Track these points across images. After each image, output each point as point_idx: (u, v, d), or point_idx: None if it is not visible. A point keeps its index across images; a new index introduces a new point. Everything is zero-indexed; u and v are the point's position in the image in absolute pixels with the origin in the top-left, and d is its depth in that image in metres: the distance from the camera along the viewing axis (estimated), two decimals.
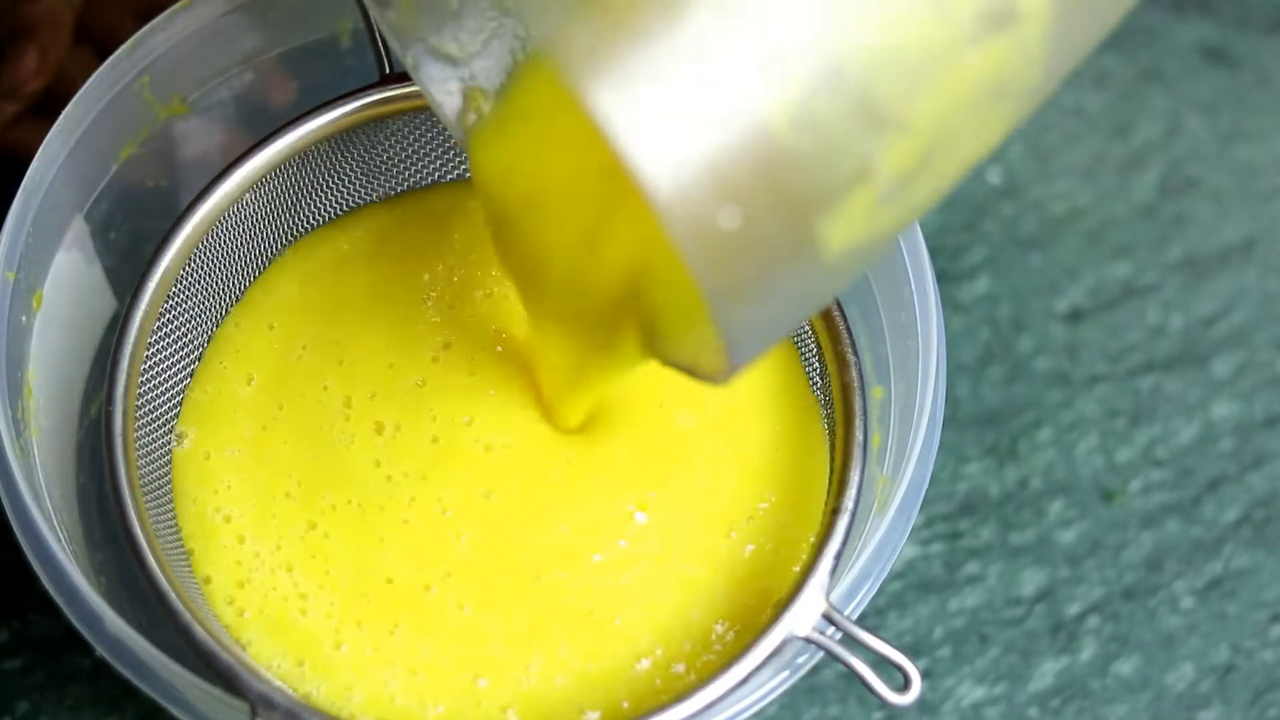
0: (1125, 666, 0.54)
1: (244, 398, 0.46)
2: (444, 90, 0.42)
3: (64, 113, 0.45)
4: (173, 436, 0.46)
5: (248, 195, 0.46)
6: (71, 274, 0.47)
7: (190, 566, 0.44)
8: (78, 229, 0.47)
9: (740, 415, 0.47)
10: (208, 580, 0.44)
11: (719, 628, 0.44)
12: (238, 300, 0.48)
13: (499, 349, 0.47)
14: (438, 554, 0.44)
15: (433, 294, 0.48)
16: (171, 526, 0.44)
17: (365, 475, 0.45)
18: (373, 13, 0.43)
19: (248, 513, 0.45)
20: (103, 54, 0.46)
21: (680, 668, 0.43)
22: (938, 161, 0.33)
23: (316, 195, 0.48)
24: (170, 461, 0.45)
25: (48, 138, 0.45)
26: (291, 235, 0.49)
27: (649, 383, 0.47)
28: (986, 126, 0.34)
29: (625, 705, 0.43)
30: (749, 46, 0.30)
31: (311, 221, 0.49)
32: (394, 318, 0.47)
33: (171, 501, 0.45)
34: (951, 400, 0.58)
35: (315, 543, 0.44)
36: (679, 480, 0.46)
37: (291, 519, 0.45)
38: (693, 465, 0.46)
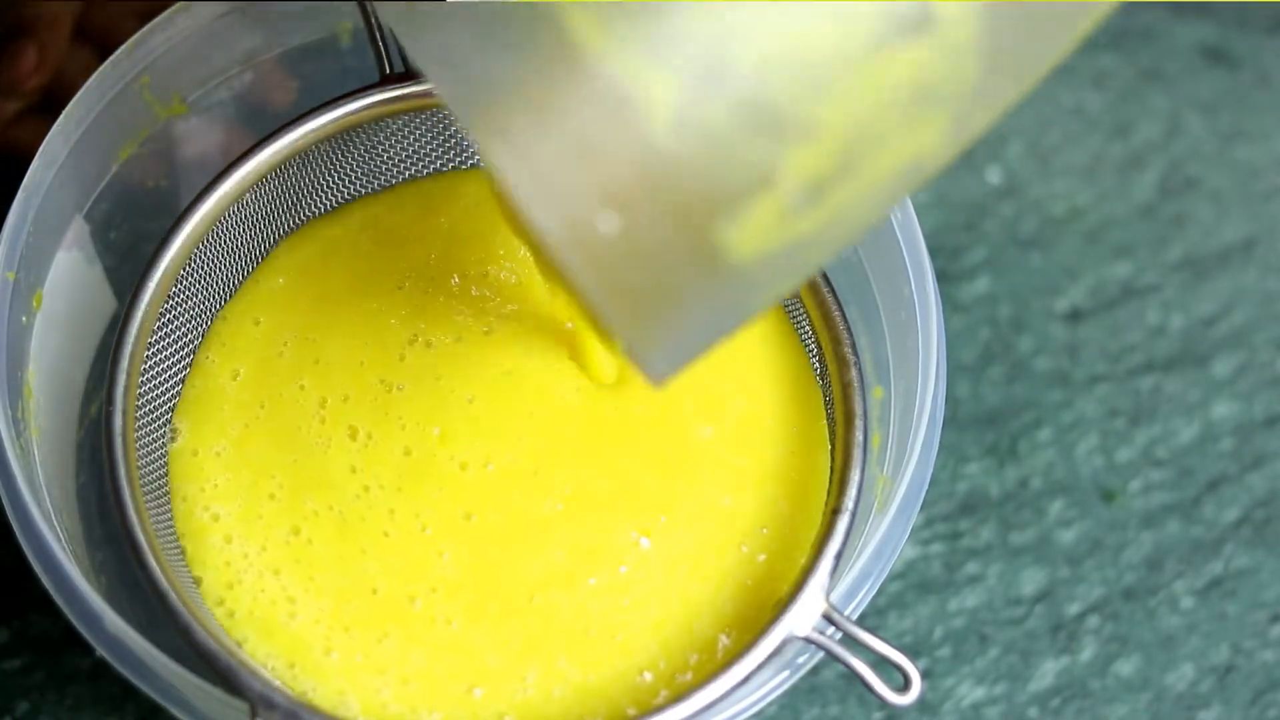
0: (1125, 667, 0.54)
1: (229, 394, 0.46)
2: None
3: (64, 112, 0.45)
4: (168, 433, 0.46)
5: (248, 195, 0.46)
6: (72, 274, 0.47)
7: (185, 566, 0.44)
8: (78, 229, 0.47)
9: (759, 422, 0.46)
10: (199, 581, 0.44)
11: (724, 639, 0.43)
12: (232, 295, 0.48)
13: (473, 341, 0.46)
14: (420, 569, 0.44)
15: (407, 282, 0.47)
16: (169, 525, 0.44)
17: (343, 483, 0.45)
18: (384, 14, 0.43)
19: (234, 512, 0.44)
20: (103, 54, 0.46)
21: (686, 677, 0.43)
22: (863, 165, 0.32)
23: (317, 195, 0.48)
24: (169, 460, 0.45)
25: (48, 137, 0.45)
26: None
27: (665, 396, 0.46)
28: (921, 130, 0.33)
29: (630, 712, 0.42)
30: (620, 46, 0.30)
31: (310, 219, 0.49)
32: (367, 311, 0.47)
33: (169, 500, 0.45)
34: (951, 400, 0.58)
35: (300, 548, 0.44)
36: (693, 503, 0.45)
37: (276, 521, 0.44)
38: (709, 484, 0.45)
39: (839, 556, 0.42)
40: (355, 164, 0.48)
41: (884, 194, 0.33)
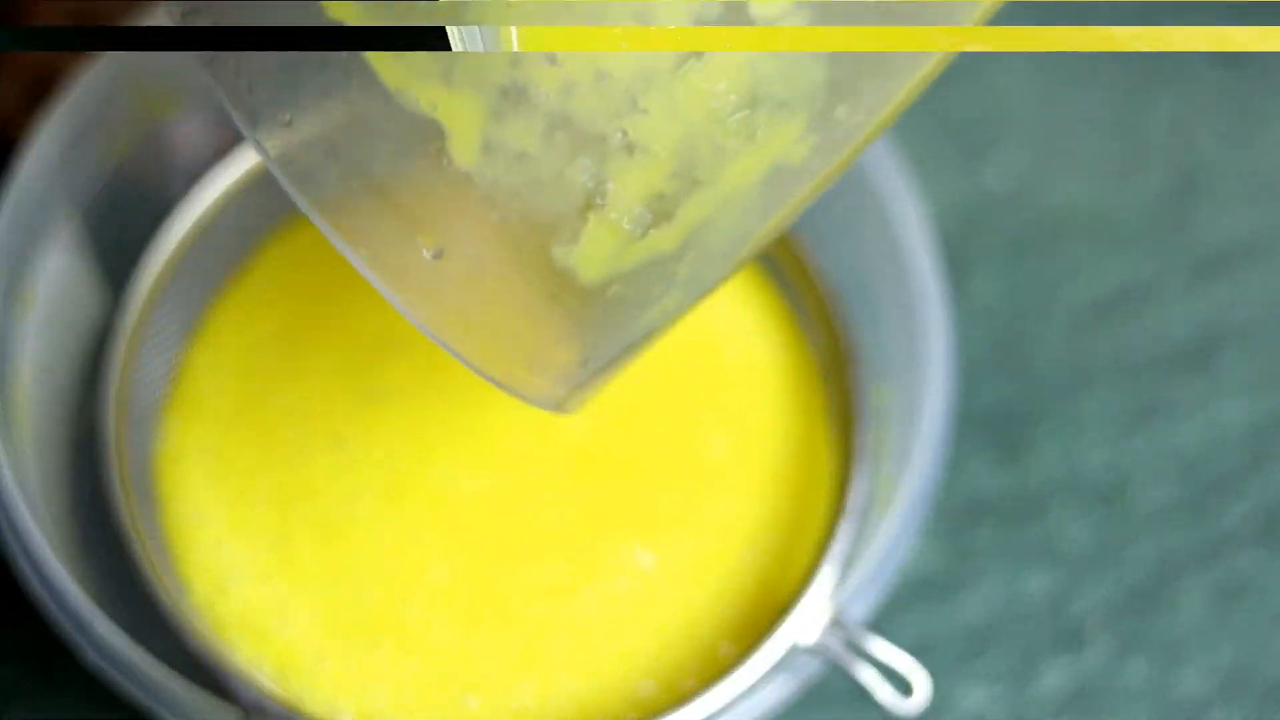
0: (1130, 669, 0.54)
1: (215, 396, 0.45)
2: None
3: (58, 109, 0.45)
4: (156, 436, 0.45)
5: (243, 193, 0.45)
6: (63, 273, 0.46)
7: (174, 571, 0.44)
8: (70, 227, 0.46)
9: (762, 425, 0.46)
10: (188, 587, 0.43)
11: (726, 647, 0.43)
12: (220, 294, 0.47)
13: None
14: (411, 579, 0.43)
15: None
16: (158, 530, 0.44)
17: (329, 490, 0.44)
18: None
19: (222, 517, 0.44)
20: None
21: (689, 684, 0.42)
22: (713, 178, 0.31)
23: None
24: (156, 463, 0.45)
25: (40, 134, 0.45)
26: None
27: (664, 401, 0.46)
28: (771, 136, 0.31)
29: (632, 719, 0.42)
30: (417, 75, 0.29)
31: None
32: (349, 306, 0.46)
33: (158, 504, 0.45)
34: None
35: (289, 553, 0.44)
36: (695, 510, 0.44)
37: (264, 527, 0.44)
38: (710, 491, 0.45)
39: (843, 561, 0.42)
40: None
41: (754, 203, 0.32)
